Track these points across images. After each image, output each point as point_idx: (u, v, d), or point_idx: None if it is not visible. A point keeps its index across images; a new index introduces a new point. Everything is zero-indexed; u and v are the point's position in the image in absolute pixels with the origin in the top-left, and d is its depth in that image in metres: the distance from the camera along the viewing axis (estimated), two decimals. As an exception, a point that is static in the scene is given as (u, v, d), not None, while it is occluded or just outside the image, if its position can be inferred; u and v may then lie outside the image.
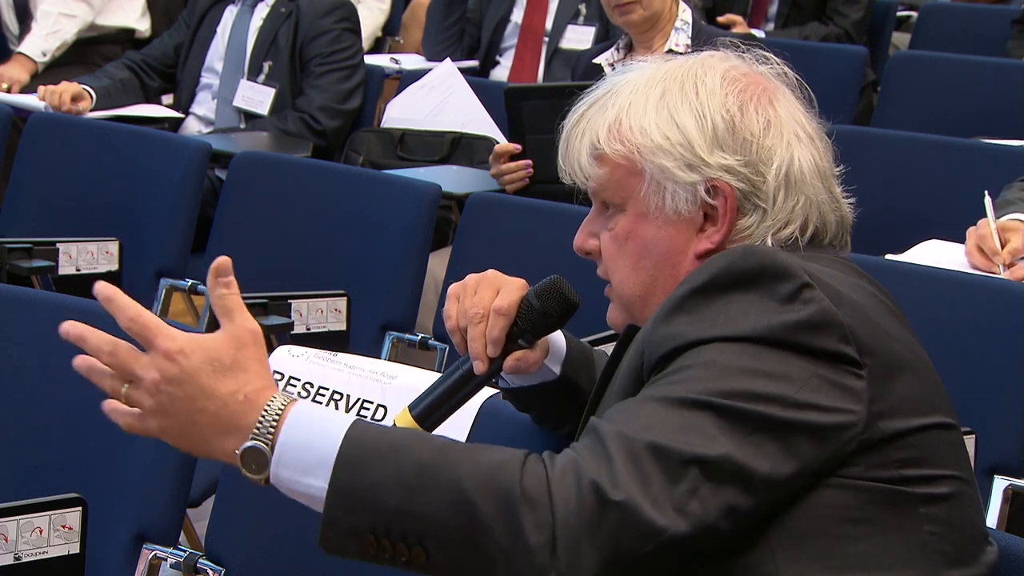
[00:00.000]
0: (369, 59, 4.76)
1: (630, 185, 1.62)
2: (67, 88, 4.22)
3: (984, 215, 2.73)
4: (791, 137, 1.61)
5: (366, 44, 5.55)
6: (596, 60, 3.76)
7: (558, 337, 1.77)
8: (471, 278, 1.71)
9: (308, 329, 2.87)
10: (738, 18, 5.31)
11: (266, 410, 1.40)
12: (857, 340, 1.44)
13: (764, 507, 1.40)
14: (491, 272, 1.72)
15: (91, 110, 4.26)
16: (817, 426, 1.41)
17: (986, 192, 2.76)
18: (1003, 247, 2.68)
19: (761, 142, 1.59)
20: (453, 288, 1.72)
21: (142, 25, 5.35)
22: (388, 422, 1.91)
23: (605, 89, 1.66)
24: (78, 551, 1.95)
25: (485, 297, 1.68)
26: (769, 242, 1.58)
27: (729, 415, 1.39)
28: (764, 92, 1.62)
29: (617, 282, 1.66)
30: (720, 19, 5.25)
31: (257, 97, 4.34)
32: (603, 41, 4.28)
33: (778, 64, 1.67)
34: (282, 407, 1.40)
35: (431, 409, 1.69)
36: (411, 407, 1.70)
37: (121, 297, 1.43)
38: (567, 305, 1.69)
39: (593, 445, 1.39)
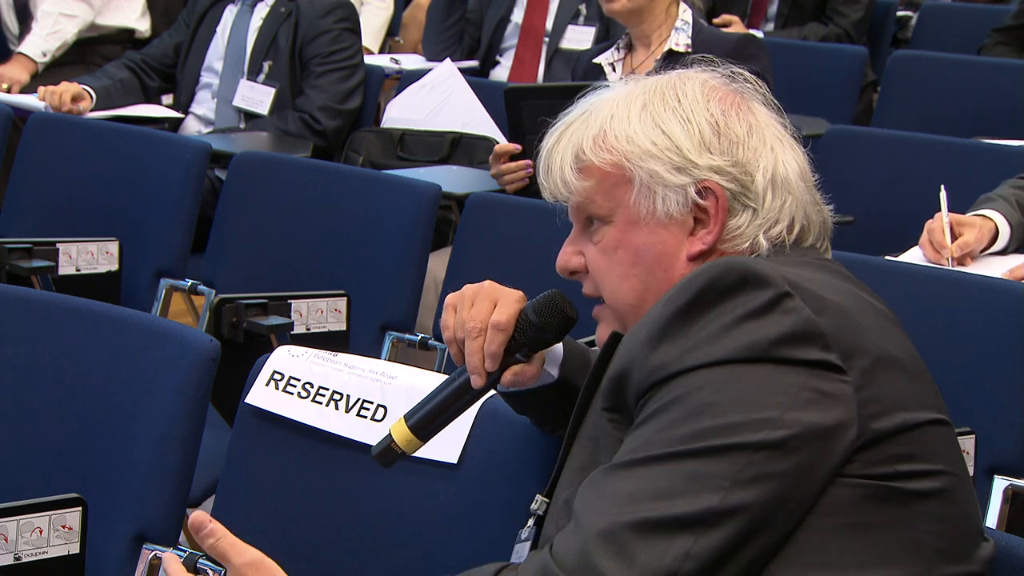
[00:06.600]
0: (369, 59, 4.76)
1: (618, 194, 1.63)
2: (67, 88, 4.22)
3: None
4: (774, 141, 1.64)
5: (374, 43, 5.55)
6: (596, 60, 3.75)
7: None
8: (468, 289, 1.70)
9: (308, 329, 2.87)
10: (734, 18, 5.31)
11: None
12: (839, 345, 1.43)
13: (774, 534, 1.39)
14: (488, 283, 1.70)
15: (91, 110, 4.26)
16: (818, 430, 1.40)
17: (941, 186, 2.81)
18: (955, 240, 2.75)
19: (747, 144, 1.61)
20: (450, 298, 1.70)
21: (142, 25, 5.36)
22: (388, 422, 1.91)
23: (582, 110, 1.69)
24: (78, 551, 1.95)
25: (483, 310, 1.66)
26: (761, 240, 1.60)
27: (714, 456, 1.37)
28: (743, 100, 1.66)
29: (609, 293, 1.66)
30: (716, 20, 5.24)
31: (257, 97, 4.34)
32: (603, 41, 4.28)
33: (752, 83, 1.68)
34: None
35: (427, 420, 1.68)
36: (406, 417, 1.68)
37: (213, 525, 1.53)
38: (565, 320, 1.67)
39: (569, 538, 1.38)
